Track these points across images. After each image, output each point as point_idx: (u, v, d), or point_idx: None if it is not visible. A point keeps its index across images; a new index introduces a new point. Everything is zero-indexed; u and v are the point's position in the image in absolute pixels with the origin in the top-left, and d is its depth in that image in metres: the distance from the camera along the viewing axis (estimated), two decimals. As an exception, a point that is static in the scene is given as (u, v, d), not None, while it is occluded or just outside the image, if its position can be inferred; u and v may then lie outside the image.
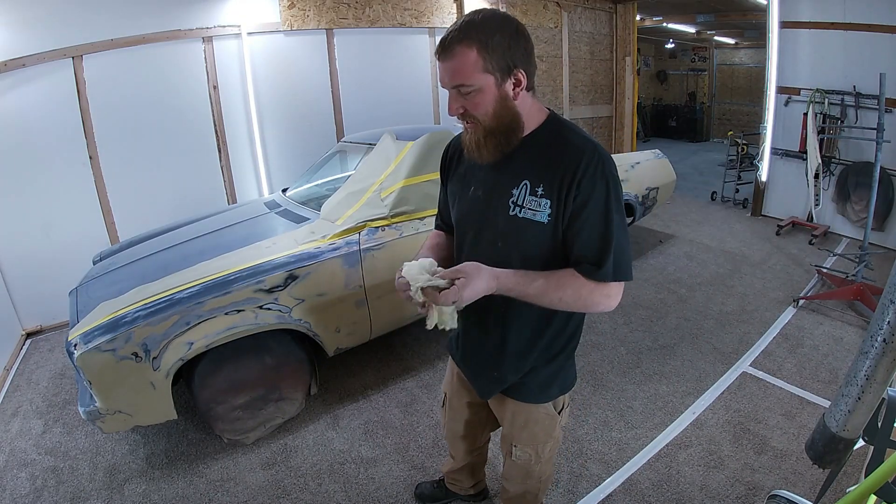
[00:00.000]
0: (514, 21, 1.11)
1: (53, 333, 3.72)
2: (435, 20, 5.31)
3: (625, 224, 1.17)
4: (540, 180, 1.16)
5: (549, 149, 1.16)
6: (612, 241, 1.14)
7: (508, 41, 1.08)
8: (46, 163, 3.57)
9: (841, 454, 1.11)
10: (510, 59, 1.09)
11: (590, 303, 1.18)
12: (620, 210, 1.16)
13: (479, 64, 1.07)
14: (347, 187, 2.90)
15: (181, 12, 3.94)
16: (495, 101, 1.11)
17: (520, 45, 1.10)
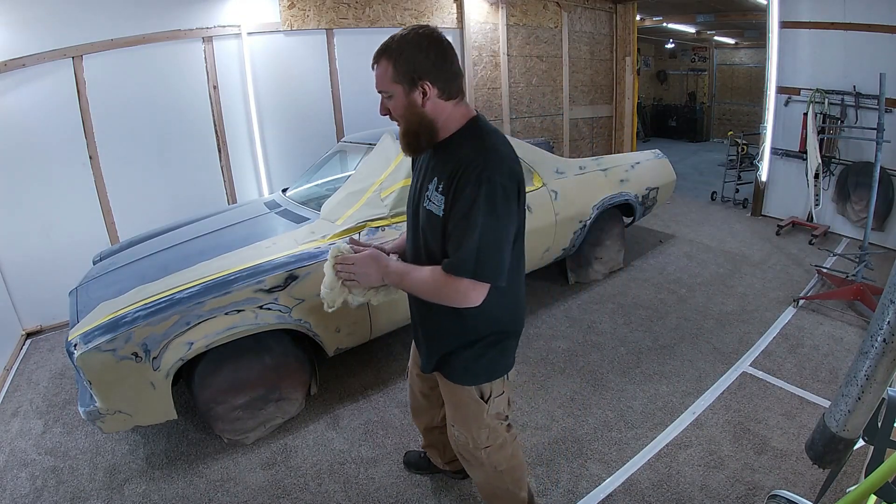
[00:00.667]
0: (430, 39, 1.28)
1: (53, 333, 3.72)
2: (435, 20, 5.31)
3: (500, 227, 1.26)
4: (441, 178, 1.32)
5: (455, 151, 1.32)
6: (468, 240, 1.24)
7: (417, 57, 1.27)
8: (46, 163, 3.57)
9: (841, 454, 1.11)
10: (416, 73, 1.26)
11: (443, 295, 1.32)
12: (492, 213, 1.24)
13: (390, 74, 1.28)
14: (347, 187, 2.90)
15: (181, 12, 3.94)
16: (404, 107, 1.31)
17: (429, 60, 1.27)
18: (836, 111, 4.76)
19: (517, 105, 6.19)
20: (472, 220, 1.24)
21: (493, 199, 1.23)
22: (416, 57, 1.26)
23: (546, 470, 2.22)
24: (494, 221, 1.24)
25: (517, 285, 1.48)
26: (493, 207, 1.24)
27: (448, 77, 1.30)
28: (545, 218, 3.41)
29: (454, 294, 1.29)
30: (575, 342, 3.23)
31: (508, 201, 1.27)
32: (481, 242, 1.24)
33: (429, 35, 1.28)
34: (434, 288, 1.32)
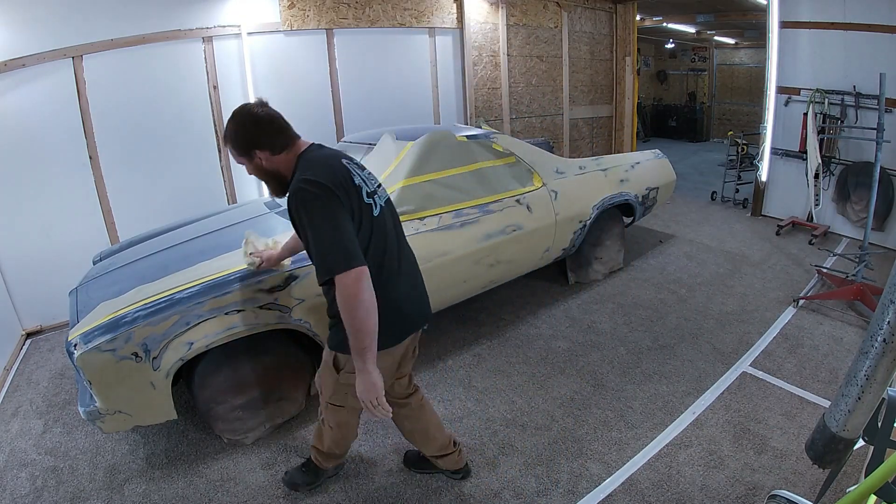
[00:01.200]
0: (247, 118, 1.66)
1: (53, 333, 3.72)
2: (435, 20, 5.31)
3: (327, 227, 1.48)
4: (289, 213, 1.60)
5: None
6: (313, 249, 1.51)
7: (244, 136, 1.64)
8: (46, 163, 3.57)
9: (841, 454, 1.11)
10: (248, 147, 1.64)
11: (344, 298, 1.46)
12: (313, 217, 1.48)
13: (235, 154, 1.68)
14: (347, 187, 2.89)
15: (181, 12, 3.94)
16: (255, 170, 1.69)
17: (252, 135, 1.64)
18: (836, 111, 4.76)
19: (517, 105, 6.20)
20: (308, 233, 1.50)
21: (308, 207, 1.49)
22: (244, 136, 1.63)
23: (546, 470, 2.22)
24: (319, 222, 1.48)
25: (389, 272, 1.67)
26: (311, 212, 1.49)
27: (271, 139, 1.64)
28: (545, 218, 3.41)
29: (343, 292, 1.46)
30: (575, 342, 3.23)
31: (322, 199, 1.49)
32: (319, 246, 1.47)
33: (245, 114, 1.65)
34: (340, 299, 1.48)
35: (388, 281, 1.65)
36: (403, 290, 1.73)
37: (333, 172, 1.58)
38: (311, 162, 1.63)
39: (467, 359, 3.10)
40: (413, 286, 1.82)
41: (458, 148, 3.11)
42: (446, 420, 2.56)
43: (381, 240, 1.66)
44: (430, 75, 5.45)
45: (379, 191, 1.75)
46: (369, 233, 1.61)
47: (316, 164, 1.61)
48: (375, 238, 1.63)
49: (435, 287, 2.89)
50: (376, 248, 1.63)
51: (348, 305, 1.46)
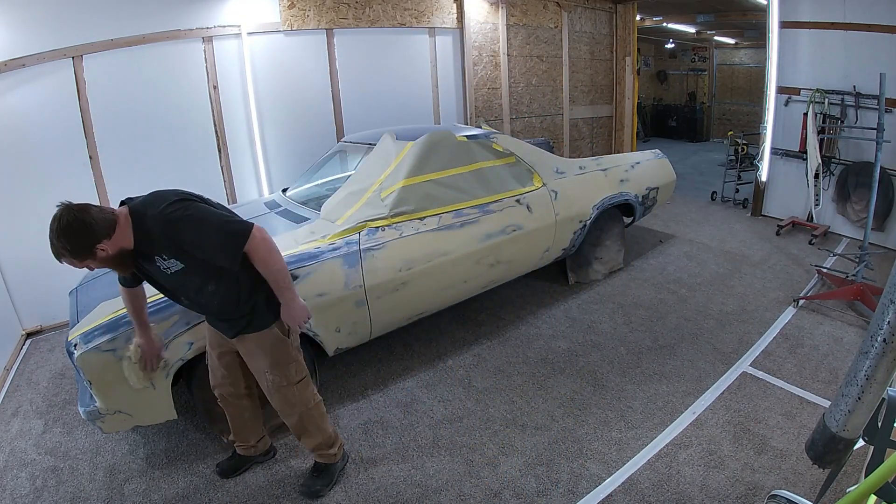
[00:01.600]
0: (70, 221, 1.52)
1: (53, 333, 3.72)
2: (435, 20, 5.31)
3: (211, 217, 1.69)
4: (160, 252, 1.68)
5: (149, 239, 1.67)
6: (215, 235, 1.66)
7: (82, 242, 1.55)
8: (46, 163, 3.57)
9: (841, 454, 1.11)
10: (87, 249, 1.55)
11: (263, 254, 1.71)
12: (200, 215, 1.69)
13: (77, 262, 1.58)
14: (347, 187, 2.90)
15: (181, 12, 3.94)
16: (103, 262, 1.62)
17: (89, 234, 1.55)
18: (836, 111, 4.76)
19: (517, 105, 6.20)
20: (200, 240, 1.64)
21: (186, 220, 1.64)
22: (82, 242, 1.55)
23: (546, 470, 2.22)
24: (203, 218, 1.68)
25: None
26: (190, 221, 1.65)
27: (103, 226, 1.58)
28: (545, 218, 3.41)
29: (261, 245, 1.68)
30: (575, 342, 3.23)
31: (190, 206, 1.71)
32: (217, 234, 1.65)
33: (70, 223, 1.53)
34: (261, 252, 1.69)
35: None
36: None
37: (175, 192, 1.77)
38: (147, 202, 1.72)
39: (467, 359, 3.10)
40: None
41: (458, 148, 3.11)
42: (446, 420, 2.56)
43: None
44: (430, 75, 5.45)
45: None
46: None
47: (153, 198, 1.74)
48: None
49: (435, 287, 2.91)
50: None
51: (270, 254, 1.71)
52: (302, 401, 2.01)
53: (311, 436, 2.09)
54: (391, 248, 2.68)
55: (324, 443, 2.12)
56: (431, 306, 3.01)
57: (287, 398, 1.98)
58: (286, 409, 2.01)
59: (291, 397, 1.98)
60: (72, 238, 1.53)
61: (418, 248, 2.78)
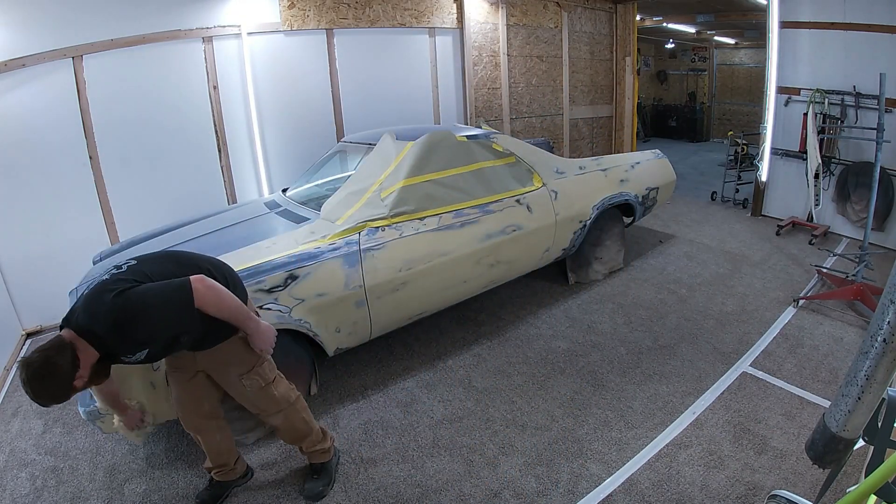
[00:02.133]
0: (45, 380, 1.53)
1: (53, 333, 3.71)
2: (435, 20, 5.31)
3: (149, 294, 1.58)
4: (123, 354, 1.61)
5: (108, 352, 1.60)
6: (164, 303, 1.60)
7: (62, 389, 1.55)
8: (46, 163, 3.57)
9: (841, 454, 1.11)
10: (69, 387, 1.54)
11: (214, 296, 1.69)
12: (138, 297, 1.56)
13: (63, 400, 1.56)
14: (347, 187, 2.90)
15: (181, 12, 3.94)
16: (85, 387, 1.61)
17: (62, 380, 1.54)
18: (836, 111, 4.76)
19: (517, 105, 6.19)
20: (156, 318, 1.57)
21: (133, 308, 1.54)
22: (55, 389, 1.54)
23: (546, 470, 2.22)
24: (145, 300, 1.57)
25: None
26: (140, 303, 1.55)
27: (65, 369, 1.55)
28: (545, 218, 3.41)
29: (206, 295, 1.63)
30: (575, 342, 3.23)
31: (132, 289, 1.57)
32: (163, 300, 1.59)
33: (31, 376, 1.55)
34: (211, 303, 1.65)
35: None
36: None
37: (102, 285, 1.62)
38: (89, 314, 1.59)
39: (467, 359, 3.10)
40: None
41: (458, 148, 3.11)
42: (446, 420, 2.56)
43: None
44: (430, 75, 5.45)
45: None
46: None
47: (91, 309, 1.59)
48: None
49: (435, 287, 2.91)
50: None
51: (219, 298, 1.67)
52: (284, 396, 2.00)
53: (300, 432, 2.07)
54: (391, 248, 2.68)
55: (314, 437, 2.11)
56: (431, 306, 3.01)
57: (270, 397, 1.97)
58: (271, 408, 1.99)
59: (274, 394, 1.98)
60: (50, 390, 1.53)
61: (418, 249, 2.78)
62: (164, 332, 1.63)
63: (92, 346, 1.56)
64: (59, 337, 1.60)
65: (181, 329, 1.66)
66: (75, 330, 1.58)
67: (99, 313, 1.55)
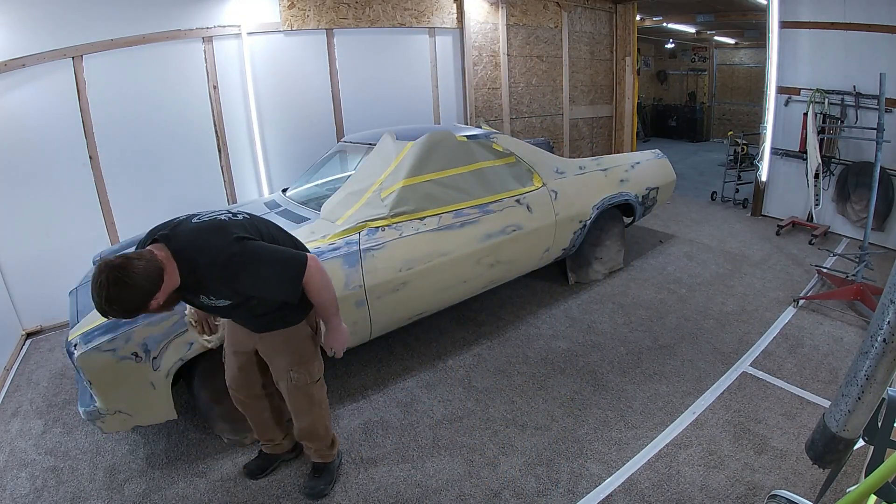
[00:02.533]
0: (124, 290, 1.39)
1: (53, 333, 3.72)
2: (435, 20, 5.31)
3: (268, 252, 1.63)
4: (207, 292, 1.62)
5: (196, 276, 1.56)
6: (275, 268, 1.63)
7: (135, 305, 1.44)
8: (46, 163, 3.57)
9: (841, 454, 1.11)
10: (143, 305, 1.46)
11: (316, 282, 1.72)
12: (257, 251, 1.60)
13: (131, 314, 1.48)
14: (347, 187, 2.90)
15: (181, 12, 3.94)
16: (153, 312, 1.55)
17: (140, 297, 1.44)
18: (836, 111, 4.76)
19: (517, 105, 6.19)
20: (264, 276, 1.59)
21: (245, 257, 1.55)
22: (130, 303, 1.43)
23: (546, 470, 2.22)
24: (261, 255, 1.60)
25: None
26: (251, 257, 1.57)
27: (147, 287, 1.45)
28: (545, 218, 3.41)
29: (315, 276, 1.68)
30: (575, 342, 3.23)
31: (246, 242, 1.59)
32: (277, 265, 1.63)
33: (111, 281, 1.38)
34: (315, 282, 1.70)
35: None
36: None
37: (224, 230, 1.62)
38: (196, 247, 1.55)
39: (467, 359, 3.10)
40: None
41: (458, 148, 3.11)
42: (446, 420, 2.57)
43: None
44: (430, 75, 5.45)
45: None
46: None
47: (202, 242, 1.57)
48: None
49: (435, 287, 2.91)
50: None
51: (325, 285, 1.71)
52: (319, 400, 2.02)
53: (319, 438, 2.10)
54: (391, 248, 2.68)
55: (328, 444, 2.16)
56: (431, 306, 3.01)
57: (308, 396, 1.98)
58: (305, 407, 2.00)
59: (312, 395, 1.99)
60: (124, 302, 1.41)
61: (418, 248, 2.78)
62: (261, 290, 1.64)
63: (180, 274, 1.52)
64: (150, 251, 1.49)
65: (280, 297, 1.69)
66: (173, 252, 1.51)
67: (211, 248, 1.53)
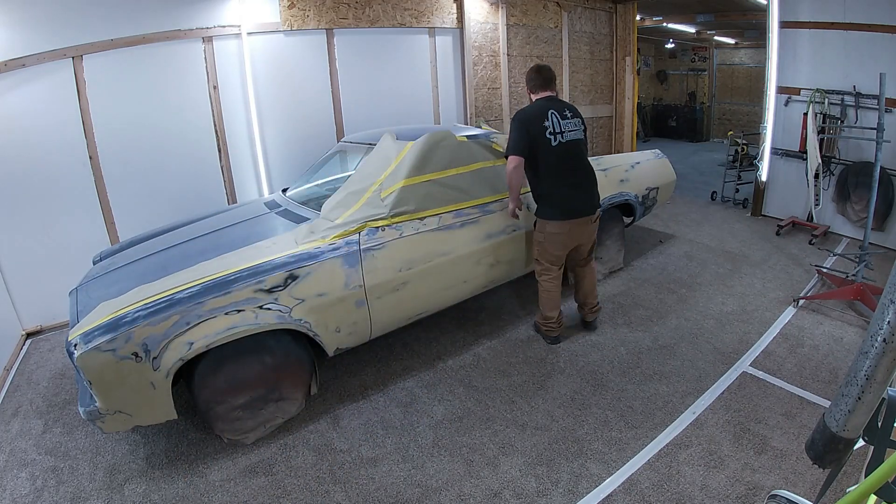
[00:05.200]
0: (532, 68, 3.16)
1: (53, 333, 3.72)
2: (435, 20, 5.31)
3: (511, 134, 2.91)
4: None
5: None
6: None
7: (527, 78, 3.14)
8: (46, 163, 3.57)
9: (841, 454, 1.11)
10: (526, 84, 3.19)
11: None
12: (511, 129, 2.92)
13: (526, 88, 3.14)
14: (347, 187, 2.90)
15: (181, 12, 3.94)
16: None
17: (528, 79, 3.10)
18: (836, 111, 4.76)
19: (517, 105, 6.18)
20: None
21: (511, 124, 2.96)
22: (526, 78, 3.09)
23: (546, 470, 2.22)
24: (510, 131, 2.94)
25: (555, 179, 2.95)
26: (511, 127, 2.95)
27: (530, 83, 3.05)
28: (545, 218, 3.41)
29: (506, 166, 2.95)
30: (575, 342, 3.23)
31: (515, 122, 2.92)
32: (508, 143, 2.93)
33: (531, 66, 3.12)
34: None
35: (543, 179, 2.94)
36: (550, 190, 2.94)
37: (528, 114, 2.91)
38: (531, 105, 3.00)
39: (467, 359, 3.10)
40: (560, 190, 2.93)
41: (458, 148, 3.11)
42: (446, 420, 2.57)
43: (549, 157, 2.88)
44: (430, 75, 5.45)
45: (566, 133, 2.90)
46: (542, 151, 2.86)
47: (530, 107, 2.98)
48: (545, 155, 2.87)
49: (435, 287, 2.91)
50: (545, 160, 2.88)
51: (506, 173, 2.95)
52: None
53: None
54: (391, 248, 2.68)
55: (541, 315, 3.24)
56: (431, 306, 3.01)
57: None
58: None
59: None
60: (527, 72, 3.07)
61: (418, 248, 2.78)
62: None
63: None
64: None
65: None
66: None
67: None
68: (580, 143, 2.95)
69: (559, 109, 2.90)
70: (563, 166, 2.88)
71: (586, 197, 2.99)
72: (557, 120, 2.86)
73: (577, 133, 2.94)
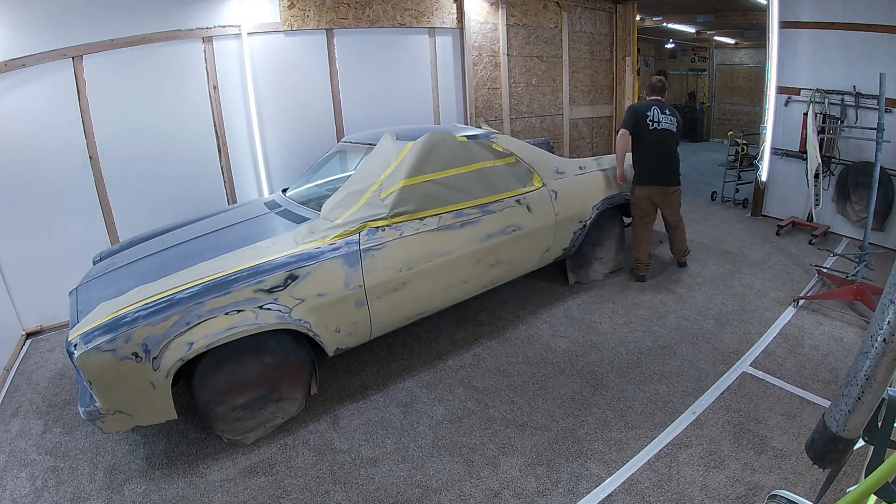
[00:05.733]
0: (648, 80, 4.37)
1: (53, 333, 3.72)
2: (435, 20, 5.31)
3: (625, 117, 4.00)
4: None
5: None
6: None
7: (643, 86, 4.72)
8: (46, 163, 3.57)
9: (841, 454, 1.11)
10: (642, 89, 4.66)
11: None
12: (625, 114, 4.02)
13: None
14: (347, 187, 2.90)
15: (181, 12, 3.94)
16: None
17: (644, 86, 4.26)
18: (836, 111, 4.76)
19: (517, 105, 6.19)
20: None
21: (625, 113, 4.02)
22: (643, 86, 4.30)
23: (546, 470, 2.22)
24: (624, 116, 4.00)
25: (647, 154, 3.93)
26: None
27: (645, 89, 4.12)
28: (545, 218, 3.41)
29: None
30: (575, 342, 3.23)
31: (629, 112, 3.94)
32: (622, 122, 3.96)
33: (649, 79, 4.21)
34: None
35: (639, 153, 3.92)
36: (642, 162, 3.91)
37: (639, 105, 3.91)
38: (642, 100, 4.00)
39: (467, 359, 3.10)
40: (649, 164, 3.89)
41: (458, 148, 3.11)
42: (446, 420, 2.57)
43: (647, 138, 3.84)
44: (430, 75, 5.45)
45: (662, 123, 3.81)
46: (642, 132, 3.84)
47: (641, 101, 4.03)
48: (643, 135, 3.84)
49: (435, 287, 2.91)
50: (643, 139, 3.85)
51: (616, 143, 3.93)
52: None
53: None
54: (391, 248, 2.68)
55: (636, 260, 4.09)
56: (431, 306, 3.01)
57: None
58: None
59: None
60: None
61: (418, 248, 2.78)
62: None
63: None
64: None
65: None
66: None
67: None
68: (671, 133, 3.84)
69: (661, 108, 3.84)
70: (654, 147, 3.82)
71: (666, 173, 3.88)
72: (658, 113, 3.80)
73: (670, 126, 3.83)
